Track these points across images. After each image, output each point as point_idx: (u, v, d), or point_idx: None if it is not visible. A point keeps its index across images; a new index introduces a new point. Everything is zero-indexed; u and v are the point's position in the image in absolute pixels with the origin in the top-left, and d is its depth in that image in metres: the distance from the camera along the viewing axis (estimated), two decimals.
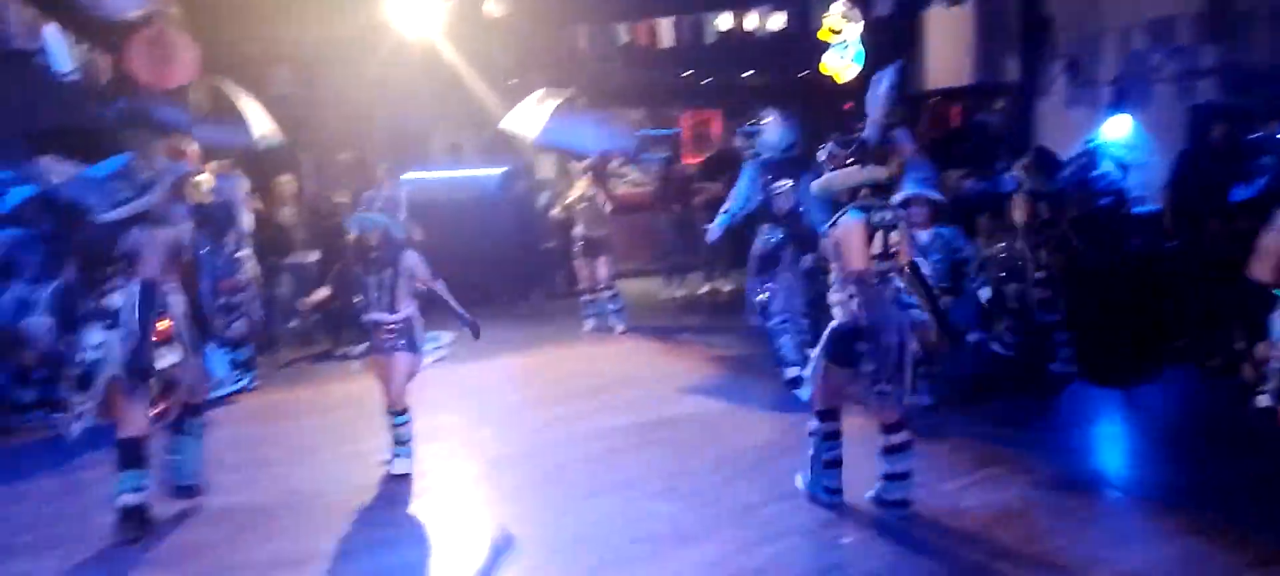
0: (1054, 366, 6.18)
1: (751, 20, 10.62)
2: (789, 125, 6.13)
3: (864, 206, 4.24)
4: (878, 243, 4.20)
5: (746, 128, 6.49)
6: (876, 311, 4.17)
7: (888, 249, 4.23)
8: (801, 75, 12.71)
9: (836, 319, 4.36)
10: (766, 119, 6.16)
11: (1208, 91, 8.87)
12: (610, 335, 8.58)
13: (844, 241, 4.21)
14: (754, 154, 6.30)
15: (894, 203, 5.12)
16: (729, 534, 4.32)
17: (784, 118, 4.98)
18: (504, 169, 10.75)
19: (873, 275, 4.19)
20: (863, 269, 4.15)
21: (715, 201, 8.90)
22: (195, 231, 5.67)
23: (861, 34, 11.05)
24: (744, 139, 6.55)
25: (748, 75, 13.80)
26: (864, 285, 4.17)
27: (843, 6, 10.96)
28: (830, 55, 11.57)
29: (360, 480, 4.93)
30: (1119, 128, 9.67)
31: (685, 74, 13.44)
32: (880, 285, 4.23)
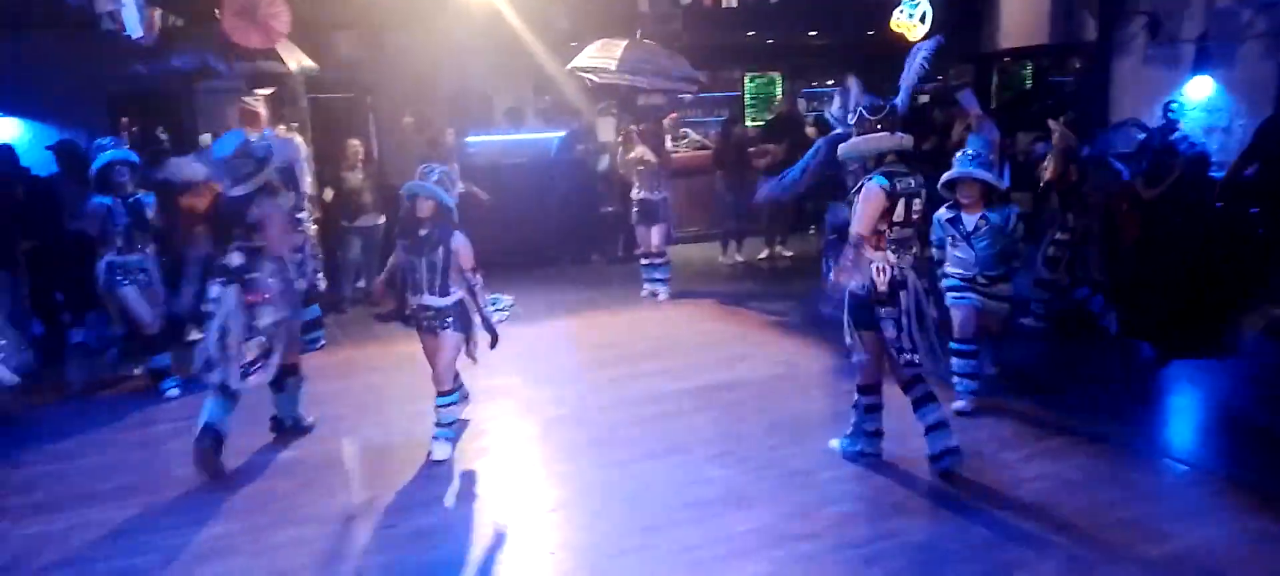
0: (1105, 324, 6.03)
1: None
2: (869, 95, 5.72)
3: (888, 173, 4.25)
4: (900, 210, 4.25)
5: (813, 94, 6.26)
6: (865, 277, 4.28)
7: (910, 216, 4.29)
8: (869, 34, 12.45)
9: (853, 283, 4.41)
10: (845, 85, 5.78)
11: None
12: (665, 300, 8.57)
13: (861, 204, 4.26)
14: (820, 122, 6.05)
15: (941, 184, 5.06)
16: (782, 499, 4.33)
17: (861, 87, 4.66)
18: (563, 132, 10.77)
19: (885, 241, 4.26)
20: (864, 233, 4.22)
21: (777, 165, 8.82)
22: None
23: None
24: (810, 108, 6.35)
25: (812, 35, 13.56)
26: (859, 251, 4.24)
27: None
28: (899, 13, 11.29)
29: (424, 436, 5.05)
30: (1201, 89, 9.28)
31: (748, 34, 13.26)
32: (901, 251, 4.31)
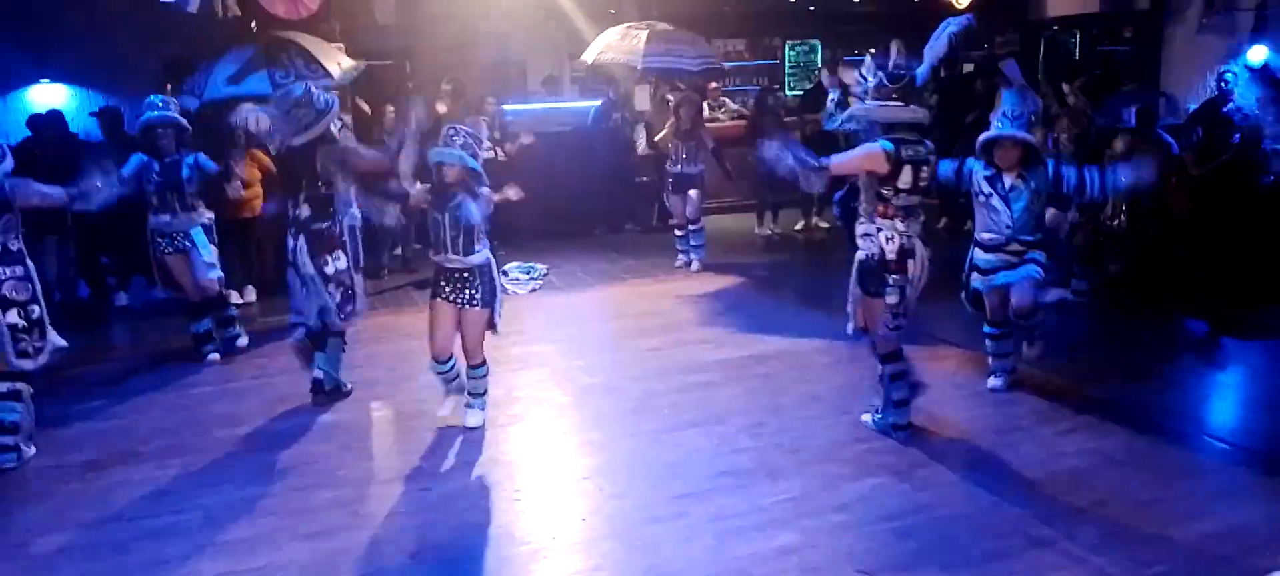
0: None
1: None
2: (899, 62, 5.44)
3: (896, 139, 4.28)
4: (907, 176, 4.27)
5: (855, 61, 6.04)
6: (874, 246, 4.36)
7: (917, 183, 4.31)
8: (913, 1, 12.19)
9: (862, 251, 4.46)
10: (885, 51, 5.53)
11: None
12: (700, 270, 8.52)
13: (857, 153, 4.38)
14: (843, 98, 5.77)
15: (979, 145, 4.90)
16: (815, 470, 4.31)
17: (905, 52, 4.52)
18: (599, 101, 10.72)
19: (892, 209, 4.31)
20: (837, 168, 4.43)
21: (815, 136, 8.69)
22: None
23: None
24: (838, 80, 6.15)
25: (855, 1, 13.31)
26: (821, 174, 4.38)
27: None
28: None
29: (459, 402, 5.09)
30: (1258, 57, 8.98)
31: (789, 1, 13.06)
32: (908, 219, 4.35)
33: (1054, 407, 4.97)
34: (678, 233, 8.73)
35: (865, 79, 4.45)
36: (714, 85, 11.22)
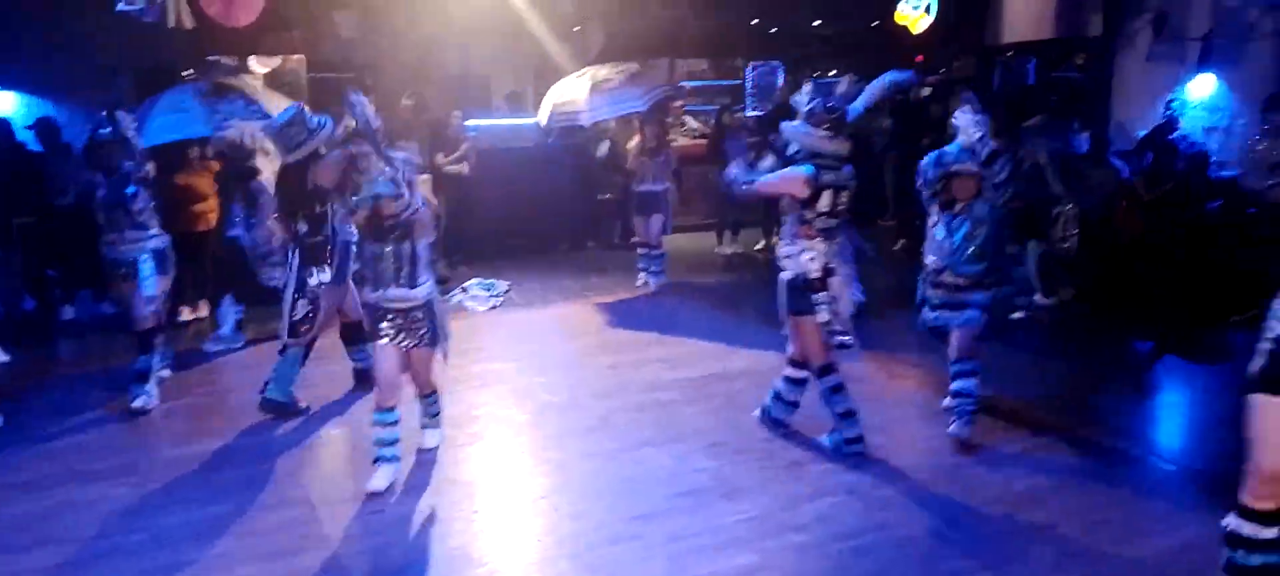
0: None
1: None
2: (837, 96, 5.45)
3: (819, 165, 4.43)
4: (826, 200, 4.44)
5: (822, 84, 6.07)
6: (800, 266, 4.50)
7: (836, 207, 4.48)
8: (873, 25, 12.39)
9: (787, 272, 4.58)
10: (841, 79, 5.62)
11: None
12: (661, 289, 8.53)
13: (782, 175, 4.52)
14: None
15: (931, 176, 4.86)
16: (775, 490, 4.32)
17: (853, 83, 4.57)
18: None
19: (814, 230, 4.48)
20: (762, 188, 4.61)
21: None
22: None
23: None
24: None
25: (817, 24, 13.49)
26: (747, 190, 4.58)
27: None
28: (904, 4, 11.23)
29: (414, 422, 5.02)
30: (1203, 87, 9.24)
31: (752, 22, 13.18)
32: (829, 240, 4.51)
33: (1008, 428, 5.03)
34: (640, 251, 8.76)
35: (802, 101, 4.61)
36: (678, 104, 11.28)
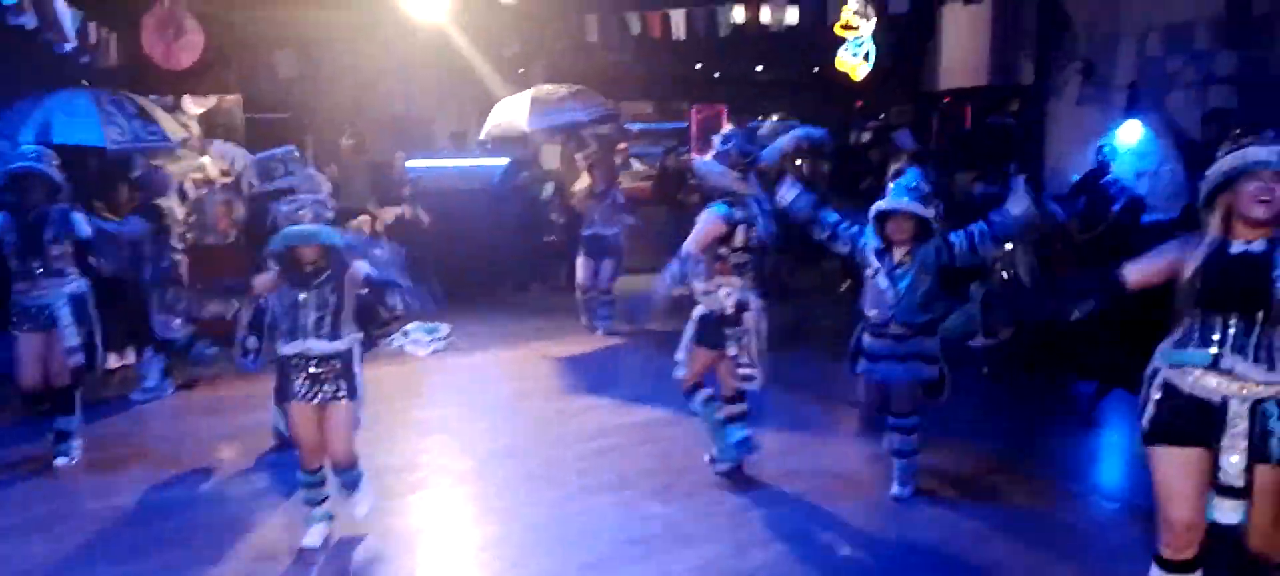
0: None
1: (766, 14, 10.33)
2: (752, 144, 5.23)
3: (730, 203, 4.59)
4: (739, 236, 4.60)
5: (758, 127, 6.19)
6: (715, 302, 4.62)
7: (748, 242, 4.63)
8: (814, 71, 12.61)
9: (703, 308, 4.70)
10: (771, 118, 5.90)
11: (1224, 98, 8.74)
12: (611, 333, 8.44)
13: (700, 224, 4.62)
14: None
15: (872, 216, 4.54)
16: (724, 536, 4.26)
17: (780, 119, 4.89)
18: (508, 159, 10.65)
19: (728, 266, 4.62)
20: (695, 250, 4.58)
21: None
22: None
23: (876, 31, 10.91)
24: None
25: (759, 70, 13.71)
26: (691, 260, 4.56)
27: (857, 3, 10.82)
28: (844, 51, 11.44)
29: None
30: (1131, 133, 9.57)
31: (696, 67, 13.35)
32: (742, 275, 4.66)
33: (951, 471, 5.01)
34: (582, 296, 8.57)
35: (718, 142, 4.81)
36: (623, 145, 11.30)
